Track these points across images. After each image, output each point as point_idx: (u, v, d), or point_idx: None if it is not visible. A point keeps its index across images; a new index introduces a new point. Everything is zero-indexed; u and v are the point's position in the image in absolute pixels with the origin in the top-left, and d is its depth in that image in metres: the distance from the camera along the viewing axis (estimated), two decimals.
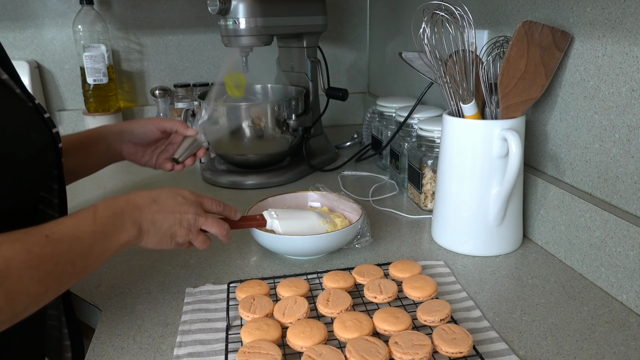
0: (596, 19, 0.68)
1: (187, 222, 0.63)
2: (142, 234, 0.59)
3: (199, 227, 0.65)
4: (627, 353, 0.56)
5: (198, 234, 0.65)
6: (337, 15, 1.65)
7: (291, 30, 1.17)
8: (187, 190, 0.67)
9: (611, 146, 0.67)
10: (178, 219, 0.63)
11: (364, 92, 1.74)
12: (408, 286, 0.66)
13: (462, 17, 0.71)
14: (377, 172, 1.21)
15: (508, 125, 0.73)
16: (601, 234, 0.68)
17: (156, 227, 0.61)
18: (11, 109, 0.59)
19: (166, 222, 0.62)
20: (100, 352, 0.59)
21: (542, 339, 0.59)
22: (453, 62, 0.75)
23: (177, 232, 0.63)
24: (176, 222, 0.63)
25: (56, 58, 1.52)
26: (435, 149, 0.94)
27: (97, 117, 1.47)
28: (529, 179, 0.82)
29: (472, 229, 0.78)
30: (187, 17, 1.55)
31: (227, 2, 1.05)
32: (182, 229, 0.63)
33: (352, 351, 0.53)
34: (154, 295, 0.70)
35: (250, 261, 0.79)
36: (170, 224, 0.62)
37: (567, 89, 0.74)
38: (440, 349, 0.54)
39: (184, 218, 0.63)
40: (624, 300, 0.65)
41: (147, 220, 0.60)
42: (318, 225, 0.79)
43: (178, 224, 0.63)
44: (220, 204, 0.70)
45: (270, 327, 0.58)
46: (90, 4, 1.41)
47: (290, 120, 1.13)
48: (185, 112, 1.17)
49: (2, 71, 0.60)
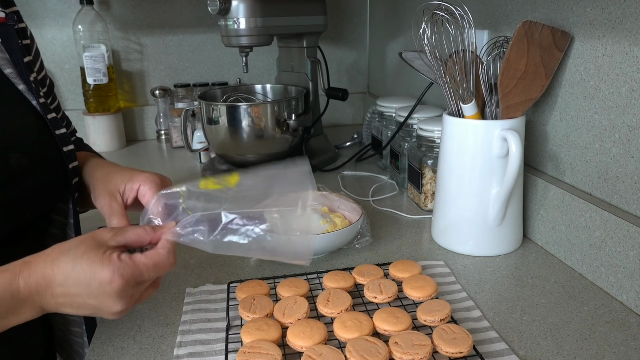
0: (596, 19, 0.68)
1: (107, 313, 0.49)
2: (47, 311, 0.49)
3: (131, 307, 0.51)
4: (627, 353, 0.56)
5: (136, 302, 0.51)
6: (337, 15, 1.65)
7: (291, 30, 1.17)
8: (109, 267, 0.47)
9: (611, 146, 0.67)
10: (92, 311, 0.49)
11: (364, 92, 1.74)
12: (408, 286, 0.66)
13: (462, 17, 0.71)
14: (377, 172, 1.21)
15: (508, 125, 0.73)
16: (601, 234, 0.68)
17: (66, 308, 0.49)
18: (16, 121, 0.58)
19: (77, 311, 0.50)
20: (100, 352, 0.59)
21: (542, 339, 0.59)
22: (453, 62, 0.75)
23: (104, 315, 0.50)
24: (93, 313, 0.50)
25: (56, 58, 1.52)
26: (435, 149, 0.94)
27: (97, 117, 1.47)
28: (529, 179, 0.82)
29: (472, 229, 0.78)
30: (187, 17, 1.55)
31: (227, 2, 1.06)
32: (109, 315, 0.50)
33: (352, 351, 0.53)
34: (154, 295, 0.70)
35: (250, 261, 0.79)
36: (85, 313, 0.50)
37: (567, 89, 0.74)
38: (440, 349, 0.54)
39: (102, 311, 0.49)
40: (624, 300, 0.65)
41: (50, 305, 0.48)
42: (318, 225, 0.79)
43: (98, 312, 0.50)
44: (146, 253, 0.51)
45: (270, 327, 0.58)
46: (90, 4, 1.41)
47: (290, 120, 1.13)
48: (185, 112, 1.17)
49: (20, 81, 0.59)
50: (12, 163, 0.55)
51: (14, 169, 0.55)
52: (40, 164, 0.59)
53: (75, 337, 0.71)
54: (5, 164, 0.55)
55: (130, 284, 0.48)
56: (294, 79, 1.28)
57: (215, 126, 1.12)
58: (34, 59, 0.67)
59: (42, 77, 0.69)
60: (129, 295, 0.48)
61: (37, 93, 0.60)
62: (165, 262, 0.50)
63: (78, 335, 0.70)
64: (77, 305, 0.48)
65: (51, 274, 0.47)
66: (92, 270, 0.47)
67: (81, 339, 0.70)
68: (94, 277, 0.47)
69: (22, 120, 0.59)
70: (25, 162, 0.57)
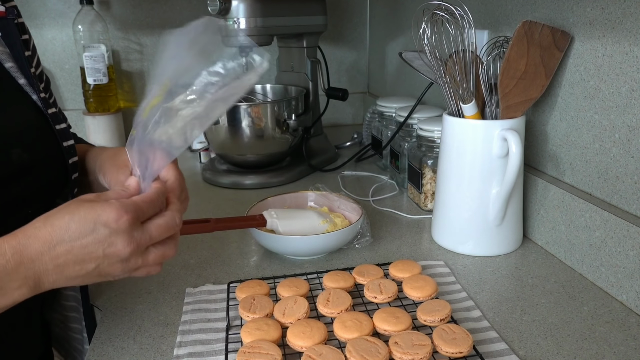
0: (596, 19, 0.68)
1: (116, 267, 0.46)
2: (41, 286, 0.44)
3: (136, 268, 0.48)
4: (627, 353, 0.56)
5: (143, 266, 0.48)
6: (337, 15, 1.64)
7: (291, 30, 1.17)
8: (112, 205, 0.45)
9: (611, 146, 0.67)
10: (97, 264, 0.45)
11: (364, 92, 1.74)
12: (408, 286, 0.66)
13: (462, 17, 0.71)
14: (377, 172, 1.21)
15: (508, 125, 0.73)
16: (601, 234, 0.68)
17: (65, 275, 0.45)
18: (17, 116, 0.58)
19: (80, 270, 0.45)
20: (100, 352, 0.59)
21: (542, 339, 0.59)
22: (453, 62, 0.75)
23: (106, 273, 0.47)
24: (96, 269, 0.46)
25: (56, 58, 1.52)
26: (435, 149, 0.94)
27: (97, 117, 1.47)
28: (529, 179, 0.82)
29: (472, 229, 0.78)
30: (187, 17, 1.54)
31: (227, 2, 1.06)
32: (113, 269, 0.46)
33: (352, 351, 0.53)
34: (154, 295, 0.70)
35: (250, 261, 0.79)
36: (87, 271, 0.45)
37: (567, 89, 0.74)
38: (440, 349, 0.54)
39: (108, 261, 0.45)
40: (624, 300, 0.65)
41: (48, 271, 0.44)
42: (318, 225, 0.79)
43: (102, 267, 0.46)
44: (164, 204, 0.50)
45: (270, 327, 0.58)
46: (90, 4, 1.41)
47: (290, 120, 1.13)
48: None
49: (21, 75, 0.59)
50: (13, 159, 0.55)
51: (15, 164, 0.55)
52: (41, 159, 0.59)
53: (75, 334, 0.71)
54: (6, 160, 0.54)
55: (136, 221, 0.45)
56: (294, 79, 1.28)
57: (215, 126, 1.12)
58: (32, 54, 0.67)
59: (39, 73, 0.69)
60: (136, 239, 0.45)
61: (37, 88, 0.60)
62: (157, 200, 0.48)
63: (77, 332, 0.70)
64: (81, 260, 0.44)
65: (47, 234, 0.43)
66: (96, 213, 0.44)
67: (80, 335, 0.70)
68: (99, 220, 0.44)
69: (22, 115, 0.59)
70: (26, 158, 0.56)
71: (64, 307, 0.70)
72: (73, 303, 0.69)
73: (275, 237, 0.77)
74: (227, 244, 0.85)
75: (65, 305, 0.70)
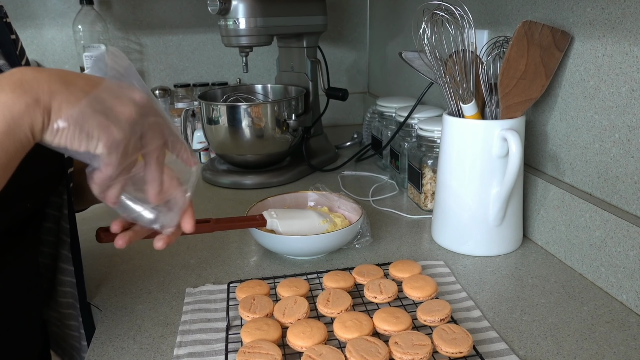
0: (596, 19, 0.68)
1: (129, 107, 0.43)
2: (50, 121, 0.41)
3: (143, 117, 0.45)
4: (627, 353, 0.56)
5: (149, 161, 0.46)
6: (337, 15, 1.65)
7: (291, 30, 1.18)
8: (141, 94, 0.44)
9: (611, 146, 0.67)
10: (107, 85, 0.43)
11: (364, 92, 1.74)
12: (408, 286, 0.66)
13: (462, 17, 0.71)
14: (377, 172, 1.21)
15: (508, 125, 0.73)
16: (601, 234, 0.68)
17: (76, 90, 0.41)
18: None
19: (87, 83, 0.42)
20: (100, 352, 0.59)
21: (542, 339, 0.59)
22: (453, 62, 0.75)
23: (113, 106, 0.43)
24: (105, 90, 0.43)
25: (56, 58, 1.52)
26: (435, 149, 0.94)
27: None
28: (529, 179, 0.82)
29: (472, 229, 0.78)
30: (187, 17, 1.55)
31: (227, 2, 1.06)
32: (124, 107, 0.43)
33: (352, 351, 0.53)
34: (154, 295, 0.70)
35: (250, 261, 0.79)
36: (95, 87, 0.43)
37: (567, 89, 0.74)
38: (440, 349, 0.54)
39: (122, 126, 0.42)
40: (624, 300, 0.65)
41: (55, 85, 0.40)
42: (318, 225, 0.79)
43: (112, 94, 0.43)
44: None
45: (270, 327, 0.58)
46: (90, 4, 1.41)
47: (290, 120, 1.13)
48: (185, 112, 1.17)
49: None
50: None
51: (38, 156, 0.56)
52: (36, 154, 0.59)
53: (72, 332, 0.71)
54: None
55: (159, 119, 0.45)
56: (294, 79, 1.28)
57: (215, 126, 1.12)
58: (21, 54, 0.67)
59: None
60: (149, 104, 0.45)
61: None
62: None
63: (74, 329, 0.70)
64: (94, 84, 0.42)
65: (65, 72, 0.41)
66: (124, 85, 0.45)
67: (78, 332, 0.70)
68: (127, 90, 0.44)
69: None
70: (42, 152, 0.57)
71: (60, 304, 0.70)
72: (70, 300, 0.69)
73: (275, 237, 0.77)
74: (227, 244, 0.85)
75: (62, 302, 0.70)
